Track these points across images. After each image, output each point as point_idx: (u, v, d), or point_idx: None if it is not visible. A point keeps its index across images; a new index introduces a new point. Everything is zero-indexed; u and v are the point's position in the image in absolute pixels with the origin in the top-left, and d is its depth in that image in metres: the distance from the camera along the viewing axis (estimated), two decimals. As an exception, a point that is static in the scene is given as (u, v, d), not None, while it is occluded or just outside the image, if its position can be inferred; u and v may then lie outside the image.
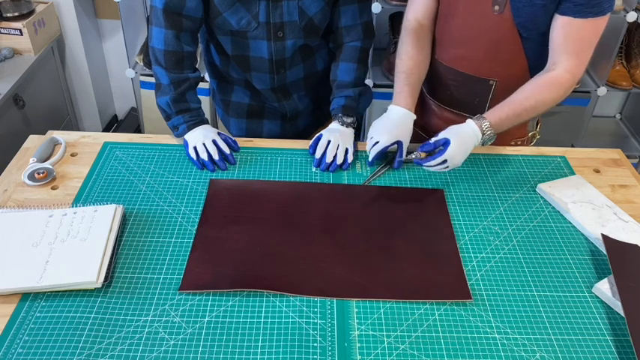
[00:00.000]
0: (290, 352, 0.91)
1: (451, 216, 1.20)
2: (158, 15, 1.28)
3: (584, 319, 1.00)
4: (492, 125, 1.19)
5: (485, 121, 1.19)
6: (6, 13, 2.16)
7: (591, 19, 1.15)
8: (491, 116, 1.20)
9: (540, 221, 1.20)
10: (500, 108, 1.21)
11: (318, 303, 1.00)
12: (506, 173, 1.33)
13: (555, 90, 1.20)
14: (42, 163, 1.26)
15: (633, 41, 2.42)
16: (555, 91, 1.20)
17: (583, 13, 1.14)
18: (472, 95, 1.35)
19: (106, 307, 0.97)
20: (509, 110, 1.20)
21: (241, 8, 1.28)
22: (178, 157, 1.33)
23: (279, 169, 1.31)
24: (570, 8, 1.14)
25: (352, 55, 1.41)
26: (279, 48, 1.35)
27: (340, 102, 1.40)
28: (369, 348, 0.93)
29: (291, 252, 1.09)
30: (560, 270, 1.09)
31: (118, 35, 2.55)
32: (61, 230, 1.08)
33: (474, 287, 1.04)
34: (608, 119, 2.84)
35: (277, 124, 1.57)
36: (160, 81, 1.34)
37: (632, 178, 1.34)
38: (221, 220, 1.15)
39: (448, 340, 0.95)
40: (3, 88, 2.01)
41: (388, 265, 1.07)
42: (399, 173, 1.31)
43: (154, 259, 1.06)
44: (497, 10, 1.21)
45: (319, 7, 1.32)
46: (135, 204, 1.18)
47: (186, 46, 1.32)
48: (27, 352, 0.89)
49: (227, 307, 0.98)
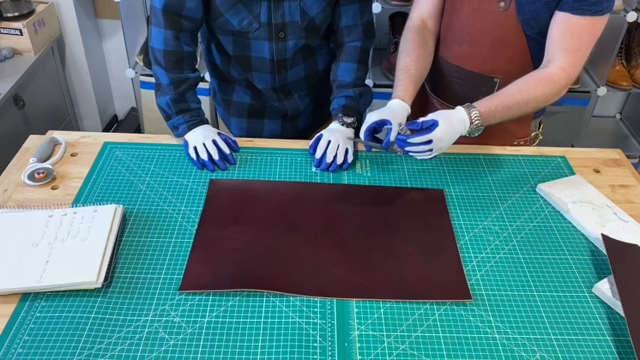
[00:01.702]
0: (290, 352, 0.91)
1: (451, 216, 1.20)
2: (158, 15, 1.28)
3: (584, 319, 1.00)
4: (481, 115, 1.17)
5: (475, 109, 1.17)
6: (6, 13, 2.16)
7: (589, 17, 1.15)
8: (482, 106, 1.18)
9: (540, 221, 1.20)
10: (490, 99, 1.19)
11: (318, 303, 1.00)
12: (506, 173, 1.33)
13: (548, 86, 1.19)
14: (42, 163, 1.26)
15: (633, 41, 2.42)
16: (548, 87, 1.19)
17: (581, 10, 1.14)
18: (476, 92, 1.34)
19: (106, 307, 0.97)
20: (500, 102, 1.18)
21: (243, 9, 1.28)
22: (178, 157, 1.33)
23: (279, 169, 1.31)
24: (569, 4, 1.14)
25: (352, 55, 1.41)
26: (281, 48, 1.35)
27: (340, 102, 1.40)
28: (369, 348, 0.93)
29: (291, 252, 1.09)
30: (560, 270, 1.09)
31: (118, 35, 2.55)
32: (61, 230, 1.08)
33: (474, 287, 1.04)
34: (608, 119, 2.84)
35: (278, 123, 1.57)
36: (159, 81, 1.34)
37: (632, 178, 1.34)
38: (221, 220, 1.15)
39: (448, 340, 0.95)
40: (3, 88, 2.01)
41: (388, 265, 1.07)
42: (399, 173, 1.31)
43: (154, 259, 1.06)
44: (503, 7, 1.21)
45: (320, 8, 1.32)
46: (135, 204, 1.18)
47: (186, 47, 1.32)
48: (27, 352, 0.89)
49: (227, 307, 0.98)
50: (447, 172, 1.32)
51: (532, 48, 1.25)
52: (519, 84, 1.20)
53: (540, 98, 1.20)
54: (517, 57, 1.26)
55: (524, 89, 1.19)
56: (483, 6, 1.24)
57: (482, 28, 1.26)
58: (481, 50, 1.29)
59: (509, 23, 1.22)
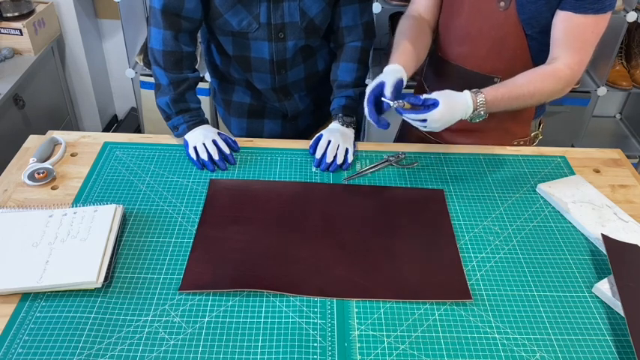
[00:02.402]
0: (290, 352, 0.91)
1: (451, 216, 1.20)
2: (157, 16, 1.28)
3: (584, 319, 1.00)
4: (487, 102, 1.15)
5: (482, 95, 1.15)
6: (6, 13, 2.16)
7: (592, 15, 1.15)
8: (488, 93, 1.16)
9: (540, 221, 1.20)
10: (497, 87, 1.19)
11: (318, 303, 1.00)
12: (506, 173, 1.33)
13: (554, 82, 1.19)
14: (42, 163, 1.26)
15: (633, 41, 2.42)
16: (554, 83, 1.19)
17: (583, 8, 1.14)
18: None
19: (106, 307, 0.97)
20: (507, 92, 1.18)
21: (242, 9, 1.28)
22: (178, 157, 1.33)
23: (279, 169, 1.31)
24: (571, 3, 1.14)
25: (353, 56, 1.41)
26: (280, 49, 1.35)
27: (340, 102, 1.40)
28: (369, 348, 0.93)
29: (291, 252, 1.09)
30: (560, 270, 1.09)
31: (118, 35, 2.55)
32: (61, 230, 1.08)
33: (474, 287, 1.04)
34: (608, 119, 2.84)
35: (278, 123, 1.57)
36: (159, 81, 1.34)
37: (632, 178, 1.34)
38: (221, 220, 1.15)
39: (448, 340, 0.95)
40: (3, 88, 2.01)
41: (388, 265, 1.07)
42: (399, 173, 1.31)
43: (154, 259, 1.06)
44: (503, 7, 1.21)
45: (320, 8, 1.32)
46: (135, 204, 1.18)
47: (185, 47, 1.32)
48: (27, 352, 0.89)
49: (227, 307, 0.98)
50: (447, 172, 1.32)
51: (532, 48, 1.25)
52: (527, 76, 1.20)
53: (546, 93, 1.20)
54: (517, 57, 1.26)
55: (531, 82, 1.19)
56: (483, 6, 1.24)
57: (483, 28, 1.26)
58: (481, 50, 1.29)
59: (510, 23, 1.22)
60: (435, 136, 1.46)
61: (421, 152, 1.38)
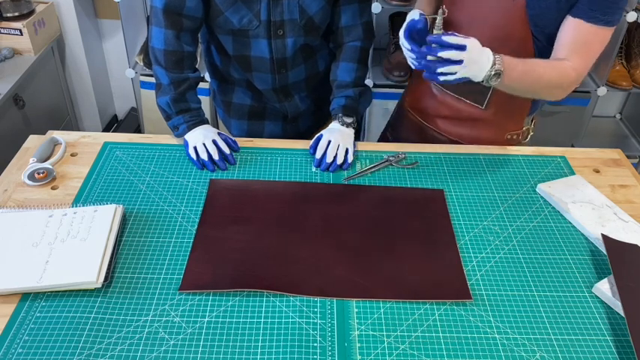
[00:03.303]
0: (290, 352, 0.91)
1: (451, 216, 1.20)
2: (158, 15, 1.28)
3: (584, 319, 1.00)
4: (504, 62, 1.13)
5: (499, 56, 1.13)
6: (6, 13, 2.16)
7: (601, 27, 1.16)
8: (505, 57, 1.14)
9: (540, 221, 1.20)
10: (514, 58, 1.16)
11: (318, 303, 1.00)
12: (506, 173, 1.33)
13: (561, 76, 1.19)
14: (42, 163, 1.26)
15: (633, 41, 2.42)
16: (561, 77, 1.19)
17: (595, 19, 1.15)
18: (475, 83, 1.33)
19: (106, 307, 0.97)
20: (521, 63, 1.16)
21: (242, 7, 1.28)
22: (178, 157, 1.33)
23: (279, 169, 1.31)
24: (585, 12, 1.15)
25: (352, 55, 1.41)
26: (280, 46, 1.35)
27: (340, 102, 1.40)
28: (369, 348, 0.93)
29: (291, 252, 1.09)
30: (560, 270, 1.09)
31: (118, 35, 2.55)
32: (61, 230, 1.08)
33: (474, 287, 1.04)
34: (608, 119, 2.84)
35: (278, 125, 1.57)
36: (160, 81, 1.34)
37: (632, 178, 1.34)
38: (221, 220, 1.15)
39: (448, 340, 0.95)
40: (3, 88, 2.01)
41: (388, 265, 1.07)
42: (399, 173, 1.31)
43: (154, 259, 1.06)
44: None
45: (319, 6, 1.32)
46: (135, 204, 1.18)
47: (186, 46, 1.32)
48: (27, 352, 0.89)
49: (227, 307, 0.98)
50: (447, 172, 1.32)
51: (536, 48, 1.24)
52: (542, 60, 1.19)
53: (552, 83, 1.19)
54: (520, 49, 1.25)
55: (544, 65, 1.18)
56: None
57: (489, 16, 1.25)
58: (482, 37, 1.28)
59: (516, 15, 1.21)
60: (431, 123, 1.45)
61: (421, 152, 1.38)
